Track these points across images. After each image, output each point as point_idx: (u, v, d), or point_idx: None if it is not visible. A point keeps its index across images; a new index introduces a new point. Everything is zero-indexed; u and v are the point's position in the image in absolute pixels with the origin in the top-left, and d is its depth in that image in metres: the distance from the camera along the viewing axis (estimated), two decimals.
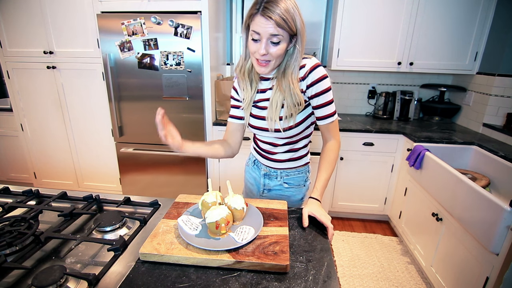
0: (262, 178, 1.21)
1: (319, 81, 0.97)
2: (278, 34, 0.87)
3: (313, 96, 1.00)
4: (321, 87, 0.98)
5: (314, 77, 0.96)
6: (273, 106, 1.00)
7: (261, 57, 0.91)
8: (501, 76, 2.13)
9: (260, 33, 0.87)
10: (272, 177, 1.19)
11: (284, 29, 0.87)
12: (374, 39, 2.34)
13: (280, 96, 0.98)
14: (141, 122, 2.39)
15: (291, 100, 0.97)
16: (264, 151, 1.17)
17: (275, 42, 0.88)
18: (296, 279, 0.71)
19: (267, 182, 1.21)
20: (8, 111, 2.71)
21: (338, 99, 2.85)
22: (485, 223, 1.33)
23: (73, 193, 1.13)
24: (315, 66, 0.96)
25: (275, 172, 1.18)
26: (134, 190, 2.59)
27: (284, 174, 1.17)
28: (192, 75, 2.21)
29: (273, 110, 1.00)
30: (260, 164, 1.21)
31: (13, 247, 0.80)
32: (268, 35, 0.87)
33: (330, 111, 1.02)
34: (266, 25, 0.85)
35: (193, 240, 0.79)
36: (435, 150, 2.00)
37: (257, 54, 0.91)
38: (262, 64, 0.93)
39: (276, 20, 0.84)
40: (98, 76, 2.40)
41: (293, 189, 1.19)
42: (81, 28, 2.29)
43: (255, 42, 0.90)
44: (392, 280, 1.91)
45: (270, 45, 0.89)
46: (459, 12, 2.22)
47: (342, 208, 2.54)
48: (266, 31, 0.86)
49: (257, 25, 0.87)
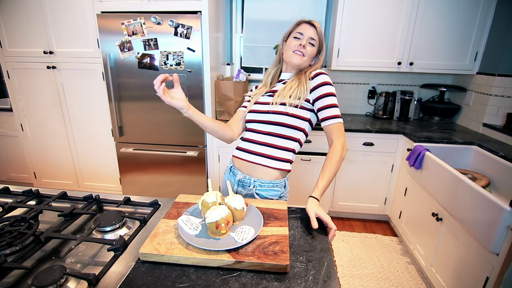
0: (236, 185, 1.20)
1: (321, 85, 1.12)
2: (315, 39, 1.16)
3: (316, 99, 1.13)
4: (324, 90, 1.12)
5: (317, 82, 1.12)
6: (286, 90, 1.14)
7: (300, 47, 1.14)
8: (501, 76, 2.13)
9: (304, 33, 1.15)
10: (245, 184, 1.17)
11: (319, 38, 1.16)
12: (374, 39, 2.34)
13: (295, 83, 1.14)
14: (141, 122, 2.39)
15: (303, 86, 1.13)
16: (247, 140, 1.20)
17: (312, 43, 1.16)
18: (296, 279, 0.71)
19: (240, 190, 1.19)
20: (8, 111, 2.71)
21: (339, 99, 2.83)
22: (485, 223, 1.33)
23: (73, 193, 1.13)
24: (319, 73, 1.14)
25: (249, 179, 1.16)
26: (134, 190, 2.59)
27: (257, 184, 1.15)
28: (192, 75, 2.21)
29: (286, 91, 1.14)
30: (236, 169, 1.20)
31: (13, 247, 0.80)
32: (308, 37, 1.15)
33: (333, 113, 1.11)
34: (310, 29, 1.15)
35: (193, 240, 0.79)
36: (435, 150, 2.00)
37: (297, 46, 1.14)
38: (298, 54, 1.14)
39: (317, 28, 1.16)
40: (98, 76, 2.40)
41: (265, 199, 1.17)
42: (81, 28, 2.29)
43: (297, 39, 1.15)
44: (392, 280, 1.92)
45: (308, 44, 1.15)
46: (459, 12, 2.22)
47: (342, 208, 2.54)
48: (309, 33, 1.15)
49: (303, 28, 1.16)
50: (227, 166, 1.30)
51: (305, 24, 1.16)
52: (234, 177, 1.21)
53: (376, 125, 2.42)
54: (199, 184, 2.47)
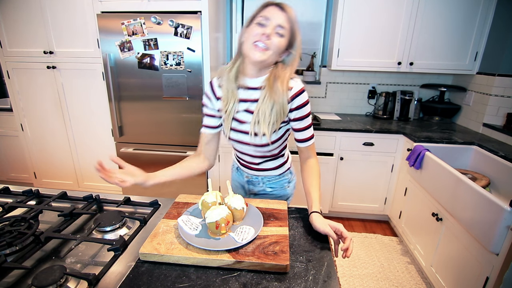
0: (246, 184, 1.23)
1: (303, 106, 0.96)
2: (285, 27, 0.88)
3: (295, 120, 0.99)
4: (304, 112, 0.98)
5: (300, 102, 0.96)
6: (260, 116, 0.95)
7: (262, 37, 0.87)
8: (501, 76, 2.13)
9: (271, 18, 0.87)
10: (255, 183, 1.20)
11: (291, 27, 0.89)
12: (374, 39, 2.34)
13: (269, 105, 0.94)
14: (141, 122, 2.39)
15: (280, 107, 0.94)
16: (245, 161, 1.16)
17: (280, 33, 0.88)
18: (296, 279, 0.71)
19: (251, 187, 1.22)
20: (8, 111, 2.71)
21: (338, 99, 2.85)
22: (485, 223, 1.33)
23: (73, 193, 1.13)
24: (301, 90, 0.95)
25: (257, 178, 1.19)
26: (134, 190, 2.58)
27: (266, 180, 1.18)
28: (192, 75, 2.21)
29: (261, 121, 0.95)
30: (242, 171, 1.21)
31: (13, 247, 0.80)
32: (276, 24, 0.87)
33: (310, 133, 1.02)
34: (279, 14, 0.87)
35: (193, 240, 0.79)
36: (435, 150, 2.00)
37: (258, 35, 0.87)
38: (260, 47, 0.87)
39: (289, 13, 0.88)
40: (98, 76, 2.40)
41: (277, 191, 1.20)
42: (81, 28, 2.29)
43: (260, 26, 0.88)
44: (392, 280, 1.91)
45: (275, 34, 0.88)
46: (459, 12, 2.22)
47: (342, 208, 2.54)
48: (278, 19, 0.87)
49: (270, 12, 0.88)
50: (233, 165, 1.30)
51: (273, 6, 0.88)
52: (242, 177, 1.23)
53: (376, 125, 2.42)
54: (199, 184, 2.47)
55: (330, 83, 2.80)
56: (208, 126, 1.08)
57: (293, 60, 0.95)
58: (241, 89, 1.00)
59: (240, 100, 1.00)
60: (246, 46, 0.90)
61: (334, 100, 2.86)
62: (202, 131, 1.09)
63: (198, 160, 1.10)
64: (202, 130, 1.10)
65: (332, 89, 2.82)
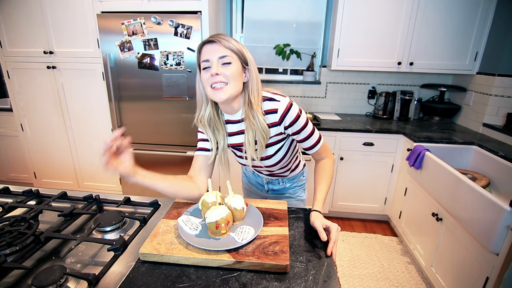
0: (266, 185, 1.26)
1: (296, 121, 0.94)
2: (226, 55, 0.86)
3: (294, 134, 0.98)
4: (299, 124, 0.95)
5: (291, 118, 0.93)
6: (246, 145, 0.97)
7: (215, 78, 0.85)
8: (501, 76, 2.13)
9: (209, 58, 0.86)
10: (275, 182, 1.24)
11: (232, 50, 0.87)
12: (374, 39, 2.34)
13: (251, 133, 0.95)
14: (141, 122, 2.39)
15: (260, 132, 0.93)
16: (261, 172, 1.20)
17: (226, 62, 0.86)
18: (296, 279, 0.71)
19: (270, 186, 1.25)
20: (8, 111, 2.71)
21: (338, 99, 2.85)
22: (485, 223, 1.33)
23: (73, 193, 1.13)
24: (288, 107, 0.92)
25: (277, 179, 1.22)
26: (134, 190, 2.59)
27: (285, 179, 1.23)
28: (192, 75, 2.21)
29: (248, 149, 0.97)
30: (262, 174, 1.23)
31: (13, 247, 0.80)
32: (217, 57, 0.85)
33: (315, 139, 1.00)
34: (214, 48, 0.86)
35: (193, 240, 0.79)
36: (435, 150, 2.00)
37: (210, 78, 0.86)
38: (218, 88, 0.86)
39: (221, 41, 0.85)
40: (98, 76, 2.40)
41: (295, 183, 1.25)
42: (81, 28, 2.29)
43: (206, 70, 0.87)
44: (392, 280, 1.91)
45: (222, 66, 0.86)
46: (459, 12, 2.21)
47: (342, 208, 2.54)
48: (214, 53, 0.85)
49: (205, 53, 0.87)
50: (246, 168, 1.29)
51: (205, 46, 0.87)
52: (261, 178, 1.25)
53: (376, 125, 2.42)
54: None
55: (330, 83, 2.80)
56: (203, 149, 1.04)
57: (253, 75, 0.91)
58: (229, 124, 1.01)
59: (229, 134, 1.02)
60: (208, 92, 0.90)
61: (334, 100, 2.86)
62: (196, 154, 1.04)
63: (192, 184, 1.00)
64: (196, 153, 1.04)
65: (332, 89, 2.82)
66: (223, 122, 1.01)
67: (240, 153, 1.07)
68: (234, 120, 0.99)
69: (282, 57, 2.74)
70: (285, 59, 2.77)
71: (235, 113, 0.97)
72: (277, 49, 2.68)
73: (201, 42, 0.89)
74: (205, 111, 0.97)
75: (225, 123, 1.02)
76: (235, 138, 1.03)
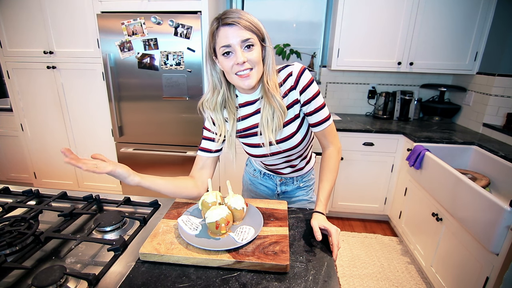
0: (279, 186, 1.22)
1: (309, 85, 0.91)
2: (249, 37, 0.80)
3: (305, 103, 0.94)
4: (312, 91, 0.92)
5: (305, 82, 0.91)
6: (264, 124, 0.93)
7: (242, 66, 0.81)
8: (501, 76, 2.13)
9: (231, 43, 0.80)
10: (288, 182, 1.21)
11: (253, 31, 0.81)
12: (374, 39, 2.34)
13: (270, 110, 0.92)
14: (141, 122, 2.39)
15: (279, 110, 0.91)
16: (272, 170, 1.17)
17: (249, 45, 0.81)
18: (296, 279, 0.71)
19: (283, 188, 1.22)
20: (8, 111, 2.71)
21: (338, 99, 2.85)
22: (485, 223, 1.33)
23: (73, 193, 1.13)
24: (302, 70, 0.91)
25: (291, 179, 1.20)
26: (134, 190, 2.58)
27: (299, 178, 1.21)
28: (192, 75, 2.21)
29: (265, 129, 0.93)
30: (274, 175, 1.21)
31: (13, 247, 0.80)
32: (239, 41, 0.80)
33: (324, 115, 0.96)
34: (234, 32, 0.79)
35: (193, 240, 0.79)
36: (435, 150, 2.00)
37: (235, 66, 0.82)
38: (246, 75, 0.83)
39: (241, 23, 0.79)
40: (98, 76, 2.40)
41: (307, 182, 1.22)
42: (81, 28, 2.29)
43: (228, 56, 0.82)
44: (392, 280, 1.91)
45: (245, 50, 0.81)
46: (459, 12, 2.21)
47: (342, 208, 2.54)
48: (235, 38, 0.79)
49: (224, 37, 0.80)
50: (254, 170, 1.26)
51: (222, 28, 0.81)
52: (272, 181, 1.22)
53: (376, 125, 2.42)
54: None
55: (330, 83, 2.80)
56: (206, 150, 1.02)
57: (270, 51, 0.88)
58: (242, 107, 0.98)
59: (243, 117, 0.99)
60: (232, 79, 0.87)
61: (334, 100, 2.86)
62: (199, 154, 1.03)
63: (192, 184, 0.99)
64: (198, 153, 1.03)
65: (332, 89, 2.82)
66: (236, 103, 0.98)
67: (254, 141, 1.00)
68: (250, 101, 0.96)
69: (282, 57, 2.74)
70: (285, 59, 2.77)
71: (254, 91, 0.94)
72: (277, 49, 2.68)
73: (213, 24, 0.82)
74: (219, 94, 0.94)
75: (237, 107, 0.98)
76: (249, 121, 0.98)
